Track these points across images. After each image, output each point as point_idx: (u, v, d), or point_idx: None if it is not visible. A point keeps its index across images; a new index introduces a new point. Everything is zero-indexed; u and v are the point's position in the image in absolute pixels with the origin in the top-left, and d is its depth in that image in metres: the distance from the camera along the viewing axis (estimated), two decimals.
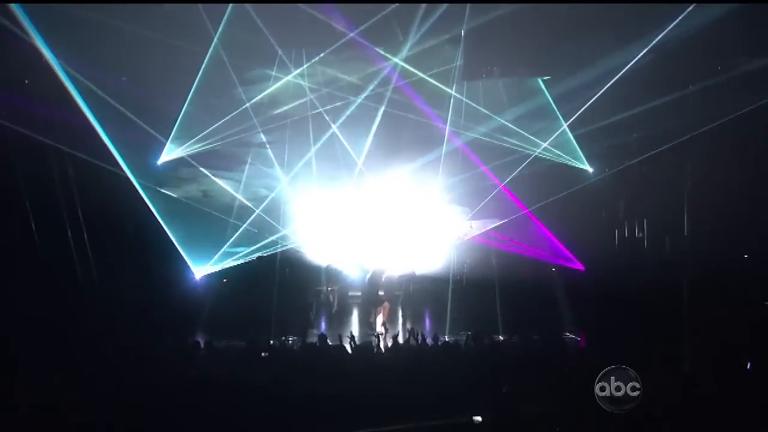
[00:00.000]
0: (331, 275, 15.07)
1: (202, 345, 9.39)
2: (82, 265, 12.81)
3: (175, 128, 13.93)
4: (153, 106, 13.11)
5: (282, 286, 13.81)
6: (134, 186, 13.32)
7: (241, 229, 14.87)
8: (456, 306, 13.78)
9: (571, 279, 14.31)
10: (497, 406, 6.57)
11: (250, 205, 15.09)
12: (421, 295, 15.26)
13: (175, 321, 11.73)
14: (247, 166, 15.23)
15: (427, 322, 13.94)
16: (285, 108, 14.79)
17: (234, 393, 7.16)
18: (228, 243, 14.71)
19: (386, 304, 13.66)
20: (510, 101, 14.56)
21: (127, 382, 7.39)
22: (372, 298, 13.66)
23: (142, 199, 13.52)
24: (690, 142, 12.29)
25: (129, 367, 7.97)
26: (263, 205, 15.00)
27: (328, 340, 9.41)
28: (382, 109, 14.65)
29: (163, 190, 14.18)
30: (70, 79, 12.24)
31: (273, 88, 14.54)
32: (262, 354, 8.81)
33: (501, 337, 11.21)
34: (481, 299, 13.67)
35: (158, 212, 13.80)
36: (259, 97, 14.49)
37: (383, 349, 9.21)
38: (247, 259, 14.73)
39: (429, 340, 9.33)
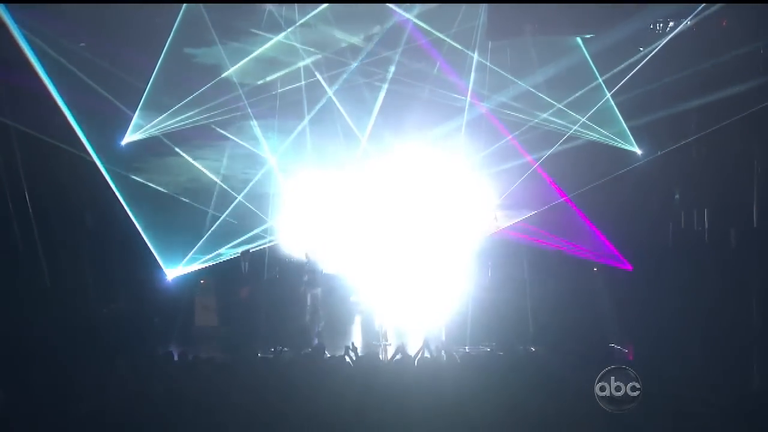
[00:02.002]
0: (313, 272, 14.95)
1: (175, 357, 9.40)
2: (30, 264, 12.81)
3: (142, 101, 13.93)
4: (117, 72, 13.08)
5: (271, 289, 13.75)
6: (96, 168, 13.33)
7: (220, 220, 14.86)
8: (479, 312, 13.70)
9: (618, 281, 14.18)
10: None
11: (232, 192, 15.03)
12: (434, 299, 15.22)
13: (143, 329, 11.67)
14: (228, 147, 15.18)
15: (444, 331, 13.87)
16: (275, 75, 14.76)
17: (211, 414, 7.19)
18: (205, 237, 14.66)
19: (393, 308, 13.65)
20: (542, 67, 14.43)
21: (82, 400, 7.40)
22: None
23: (105, 184, 13.51)
24: (763, 114, 12.18)
25: (86, 383, 7.96)
26: (246, 190, 15.00)
27: (326, 352, 9.36)
28: (390, 76, 14.64)
29: (129, 175, 14.13)
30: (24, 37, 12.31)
31: (260, 50, 14.50)
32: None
33: (533, 348, 11.17)
34: (508, 304, 13.58)
35: (124, 200, 13.77)
36: (244, 61, 14.47)
37: (391, 362, 9.22)
38: (229, 256, 14.67)
39: (445, 352, 9.30)
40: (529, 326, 13.04)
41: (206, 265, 14.71)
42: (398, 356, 9.37)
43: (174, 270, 14.42)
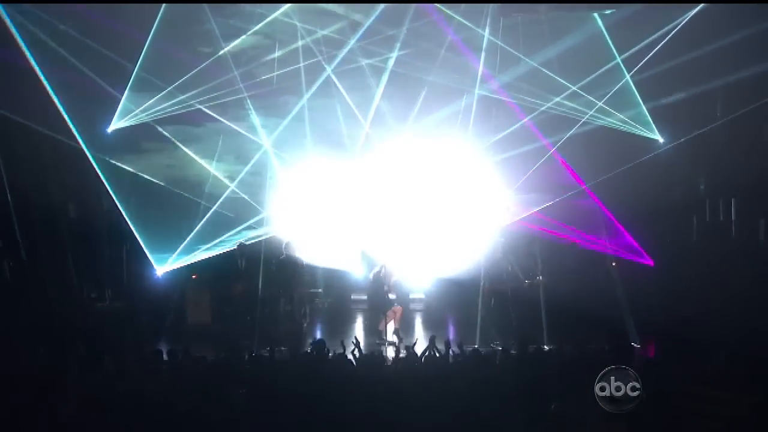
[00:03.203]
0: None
1: (165, 356, 9.41)
2: (10, 258, 12.84)
3: (129, 85, 13.90)
4: (103, 50, 13.08)
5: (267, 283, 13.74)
6: (83, 156, 13.29)
7: (212, 211, 14.88)
8: (490, 309, 13.72)
9: (638, 276, 14.15)
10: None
11: (225, 180, 15.04)
12: (443, 297, 15.25)
13: (132, 326, 11.66)
14: (222, 132, 15.19)
15: (451, 329, 13.88)
16: (272, 56, 14.73)
17: (202, 416, 7.22)
18: (196, 229, 14.70)
19: (398, 308, 13.62)
20: (557, 46, 14.35)
21: (69, 399, 7.44)
22: (379, 300, 13.61)
23: (90, 171, 13.50)
24: None
25: (71, 381, 8.01)
26: (239, 177, 15.01)
27: (327, 349, 9.35)
28: (395, 56, 14.58)
29: (115, 162, 14.14)
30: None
31: (256, 28, 14.46)
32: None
33: (546, 347, 11.17)
34: (521, 300, 13.59)
35: (111, 190, 13.79)
36: (238, 41, 14.44)
37: (396, 361, 9.25)
38: (221, 249, 14.69)
39: (454, 350, 9.29)
40: (543, 324, 13.02)
41: (198, 259, 14.70)
42: (403, 354, 9.39)
43: (164, 265, 14.43)
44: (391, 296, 13.65)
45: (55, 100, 12.99)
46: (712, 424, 7.06)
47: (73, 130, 13.25)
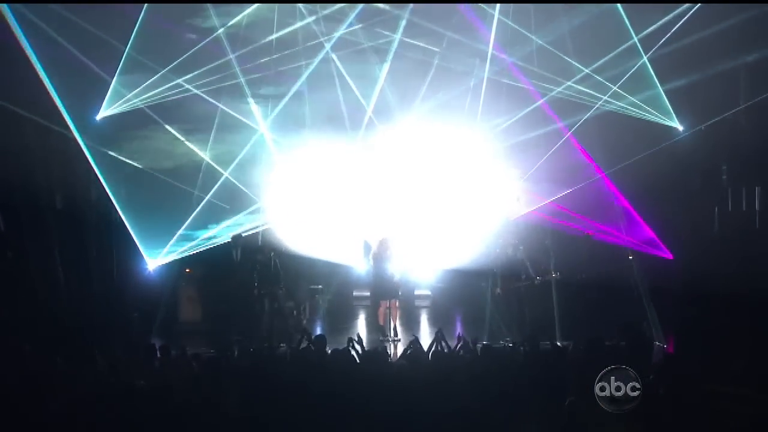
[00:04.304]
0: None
1: (158, 353, 9.46)
2: None
3: (119, 69, 13.91)
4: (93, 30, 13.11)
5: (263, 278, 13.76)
6: (70, 141, 13.34)
7: (205, 200, 14.92)
8: (499, 304, 13.77)
9: (656, 270, 14.20)
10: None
11: (219, 168, 15.10)
12: (450, 292, 15.30)
13: (123, 321, 11.71)
14: (218, 118, 15.16)
15: (459, 325, 13.93)
16: (270, 37, 14.69)
17: (198, 413, 7.26)
18: (189, 220, 14.75)
19: (394, 301, 13.60)
20: (571, 23, 14.31)
21: (59, 395, 7.49)
22: (381, 282, 13.56)
23: (79, 158, 13.54)
24: None
25: (62, 376, 8.10)
26: (234, 164, 15.04)
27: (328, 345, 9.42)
28: (399, 37, 14.59)
29: (105, 149, 14.19)
30: None
31: (253, 7, 14.50)
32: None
33: (559, 344, 11.23)
34: (533, 295, 13.65)
35: (103, 179, 13.89)
36: (234, 20, 14.46)
37: (403, 356, 9.31)
38: (216, 242, 14.73)
39: (466, 343, 9.37)
40: (556, 319, 13.09)
41: (192, 252, 14.75)
42: (410, 350, 9.43)
43: (156, 258, 14.48)
44: (393, 274, 13.60)
45: (46, 82, 13.01)
46: (733, 422, 7.08)
47: (65, 115, 13.27)
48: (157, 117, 14.65)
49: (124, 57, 13.83)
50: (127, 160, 14.58)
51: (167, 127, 14.84)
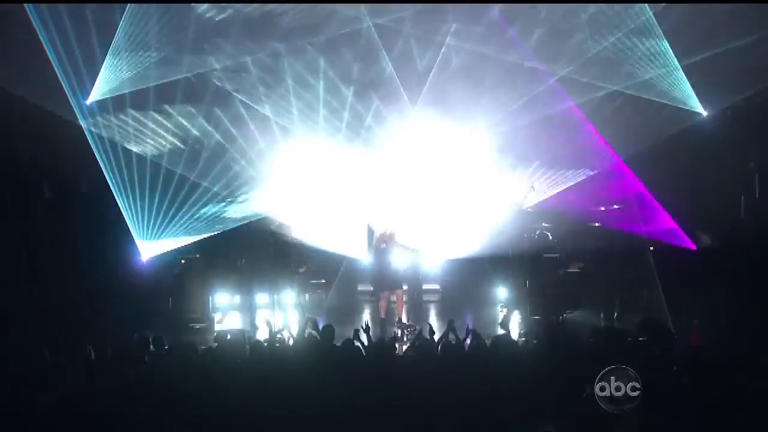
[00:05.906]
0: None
1: (151, 346, 9.45)
2: None
3: (111, 46, 13.84)
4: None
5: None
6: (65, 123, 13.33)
7: (202, 187, 14.95)
8: (512, 296, 13.84)
9: (678, 262, 14.16)
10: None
11: (219, 155, 15.12)
12: (460, 285, 15.34)
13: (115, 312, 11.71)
14: (219, 101, 15.24)
15: (469, 317, 13.92)
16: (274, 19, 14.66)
17: (195, 408, 7.25)
18: (185, 208, 14.77)
19: (400, 293, 13.60)
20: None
21: (47, 389, 7.53)
22: (382, 271, 13.56)
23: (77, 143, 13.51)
24: None
25: (52, 370, 8.08)
26: (233, 150, 15.10)
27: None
28: (406, 18, 14.63)
29: (97, 131, 14.18)
30: None
31: None
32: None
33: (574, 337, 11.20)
34: (546, 286, 13.68)
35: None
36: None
37: (412, 347, 9.27)
38: (213, 231, 14.72)
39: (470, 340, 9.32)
40: (571, 312, 13.17)
41: (188, 242, 14.73)
42: (417, 342, 9.39)
43: (150, 246, 14.47)
44: (396, 266, 13.59)
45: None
46: (760, 418, 7.00)
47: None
48: (153, 100, 14.68)
49: (116, 35, 13.81)
50: (119, 143, 14.59)
51: (166, 110, 14.88)
